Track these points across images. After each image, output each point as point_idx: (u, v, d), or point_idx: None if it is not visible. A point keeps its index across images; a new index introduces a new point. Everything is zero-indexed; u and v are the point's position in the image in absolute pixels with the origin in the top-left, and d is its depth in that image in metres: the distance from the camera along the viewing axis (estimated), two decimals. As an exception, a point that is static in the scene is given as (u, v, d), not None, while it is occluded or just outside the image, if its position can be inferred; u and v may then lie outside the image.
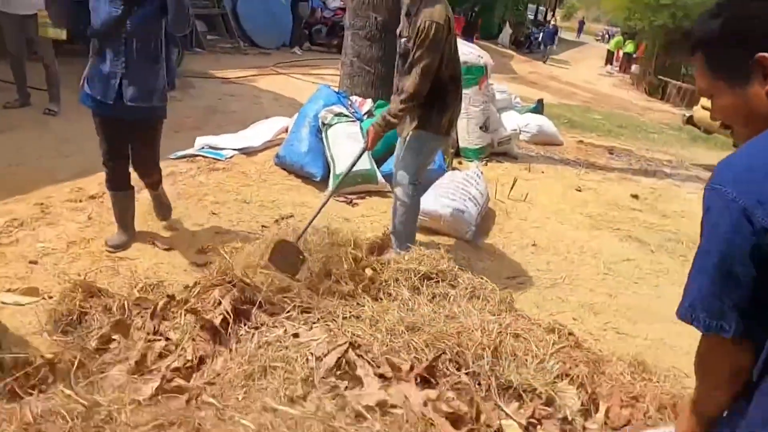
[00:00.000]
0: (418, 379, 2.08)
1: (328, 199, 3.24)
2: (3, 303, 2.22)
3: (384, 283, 2.86)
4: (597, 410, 2.30)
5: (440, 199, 3.92)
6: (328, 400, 1.92)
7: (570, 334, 2.67)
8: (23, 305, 2.41)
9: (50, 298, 2.49)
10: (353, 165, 3.33)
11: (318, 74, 9.94)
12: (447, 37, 2.95)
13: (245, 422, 1.76)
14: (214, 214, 3.81)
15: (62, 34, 5.30)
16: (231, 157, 4.85)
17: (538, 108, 7.87)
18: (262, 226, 3.71)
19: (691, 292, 1.03)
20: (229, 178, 4.48)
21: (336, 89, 5.38)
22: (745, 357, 1.01)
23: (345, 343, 2.08)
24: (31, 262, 2.84)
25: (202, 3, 11.07)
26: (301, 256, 2.80)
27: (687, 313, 1.03)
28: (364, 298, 2.70)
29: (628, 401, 2.34)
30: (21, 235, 3.09)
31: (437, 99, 3.06)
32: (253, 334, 2.26)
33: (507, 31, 22.29)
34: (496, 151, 6.00)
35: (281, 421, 1.82)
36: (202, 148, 4.93)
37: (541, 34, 20.59)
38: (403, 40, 3.09)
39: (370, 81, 5.48)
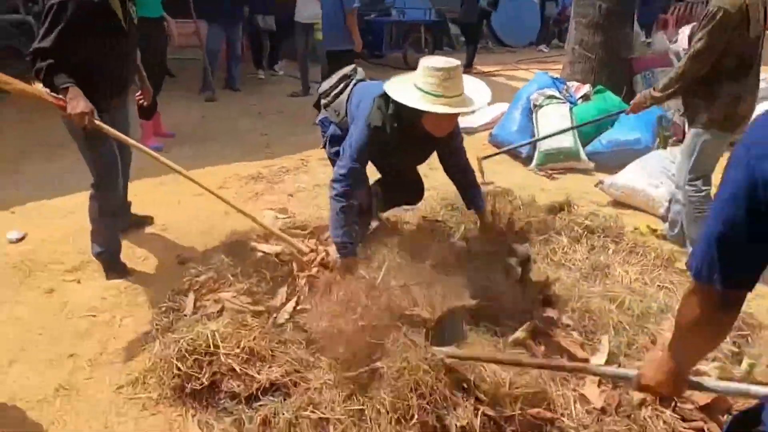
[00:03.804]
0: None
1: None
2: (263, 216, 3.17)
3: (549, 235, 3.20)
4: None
5: (635, 174, 4.02)
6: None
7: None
8: (279, 219, 3.43)
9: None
10: (549, 136, 3.43)
11: (558, 69, 10.08)
12: (738, 26, 2.76)
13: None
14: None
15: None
16: (452, 135, 5.56)
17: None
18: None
19: None
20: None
21: (557, 76, 5.69)
22: None
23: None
24: (289, 195, 3.94)
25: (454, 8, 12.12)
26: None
27: None
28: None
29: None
30: (286, 178, 4.26)
31: (705, 90, 2.91)
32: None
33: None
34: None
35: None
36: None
37: None
38: (694, 23, 3.21)
39: (590, 67, 5.66)
